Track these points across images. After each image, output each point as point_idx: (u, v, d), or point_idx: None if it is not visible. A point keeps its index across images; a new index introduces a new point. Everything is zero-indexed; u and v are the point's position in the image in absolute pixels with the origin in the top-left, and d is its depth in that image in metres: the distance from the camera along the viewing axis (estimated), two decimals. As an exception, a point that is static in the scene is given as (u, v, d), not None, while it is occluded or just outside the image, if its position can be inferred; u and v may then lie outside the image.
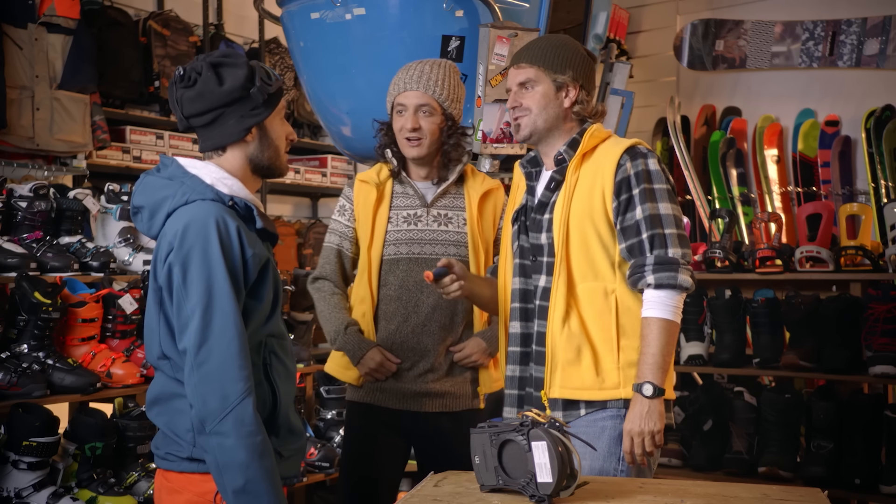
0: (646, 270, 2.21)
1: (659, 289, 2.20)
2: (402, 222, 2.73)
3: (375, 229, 2.72)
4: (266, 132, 2.04)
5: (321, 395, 4.37)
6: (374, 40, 3.43)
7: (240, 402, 1.85)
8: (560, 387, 2.27)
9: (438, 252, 2.70)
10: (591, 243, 2.28)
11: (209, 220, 1.90)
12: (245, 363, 1.88)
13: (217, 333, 1.86)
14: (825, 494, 1.92)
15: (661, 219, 2.24)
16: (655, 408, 2.19)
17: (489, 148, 3.42)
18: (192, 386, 1.86)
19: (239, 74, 1.97)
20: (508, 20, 3.39)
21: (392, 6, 3.41)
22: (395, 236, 2.72)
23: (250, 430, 1.85)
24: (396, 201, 2.75)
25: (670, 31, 5.54)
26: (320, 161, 5.43)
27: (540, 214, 2.36)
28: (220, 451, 1.84)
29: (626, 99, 4.03)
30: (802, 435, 4.04)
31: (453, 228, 2.73)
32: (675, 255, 2.22)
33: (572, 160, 2.32)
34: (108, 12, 4.32)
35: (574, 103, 2.35)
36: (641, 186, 2.25)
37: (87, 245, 3.48)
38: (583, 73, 2.37)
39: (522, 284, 2.39)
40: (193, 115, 1.99)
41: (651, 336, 2.20)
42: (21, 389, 3.05)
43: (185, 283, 1.88)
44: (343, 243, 2.80)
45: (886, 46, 4.88)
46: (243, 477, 1.84)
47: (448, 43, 3.38)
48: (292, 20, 3.69)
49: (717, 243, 4.20)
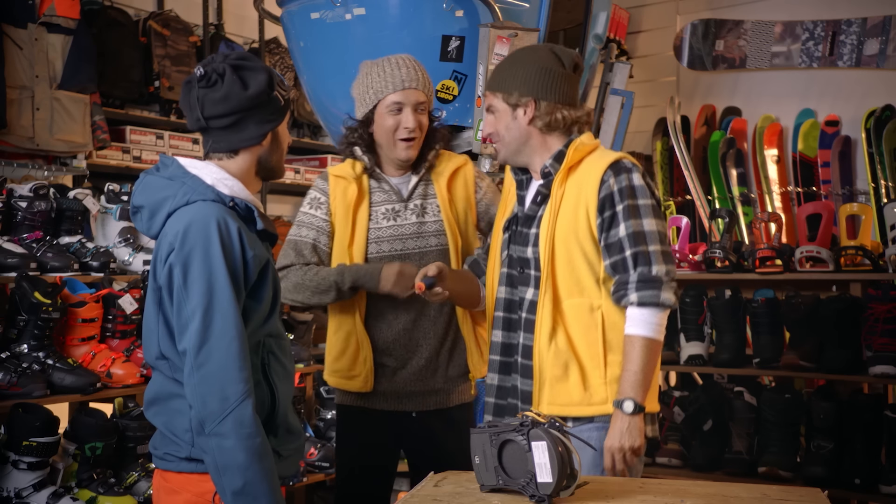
0: (629, 288, 2.22)
1: (642, 307, 2.21)
2: (382, 219, 2.68)
3: (357, 227, 2.66)
4: (277, 136, 2.07)
5: (321, 395, 4.37)
6: (374, 40, 3.43)
7: (239, 403, 1.85)
8: (549, 403, 2.28)
9: (421, 245, 2.68)
10: (577, 260, 2.28)
11: (210, 221, 1.90)
12: (245, 364, 1.88)
13: (217, 335, 1.87)
14: (825, 494, 1.92)
15: (644, 236, 2.23)
16: (636, 424, 2.21)
17: (489, 148, 3.42)
18: (192, 387, 1.86)
19: (261, 79, 1.99)
20: (508, 20, 3.39)
21: (392, 6, 3.41)
22: (377, 234, 2.67)
23: (250, 431, 1.85)
24: (374, 197, 2.70)
25: (670, 31, 5.55)
26: (320, 161, 5.43)
27: (527, 228, 2.36)
28: (219, 452, 1.85)
29: (626, 99, 4.03)
30: (802, 435, 4.04)
31: (430, 218, 2.71)
32: (659, 272, 2.22)
33: (558, 174, 2.31)
34: (108, 12, 4.31)
35: (533, 118, 2.33)
36: (625, 203, 2.24)
37: (87, 245, 3.48)
38: (538, 86, 2.32)
39: (507, 294, 2.39)
40: (215, 117, 1.99)
41: (633, 353, 2.21)
42: (21, 389, 3.05)
43: (186, 283, 1.88)
44: (320, 238, 2.67)
45: (886, 46, 4.88)
46: (242, 478, 1.85)
47: (448, 43, 3.38)
48: (292, 20, 3.69)
49: (717, 243, 4.20)
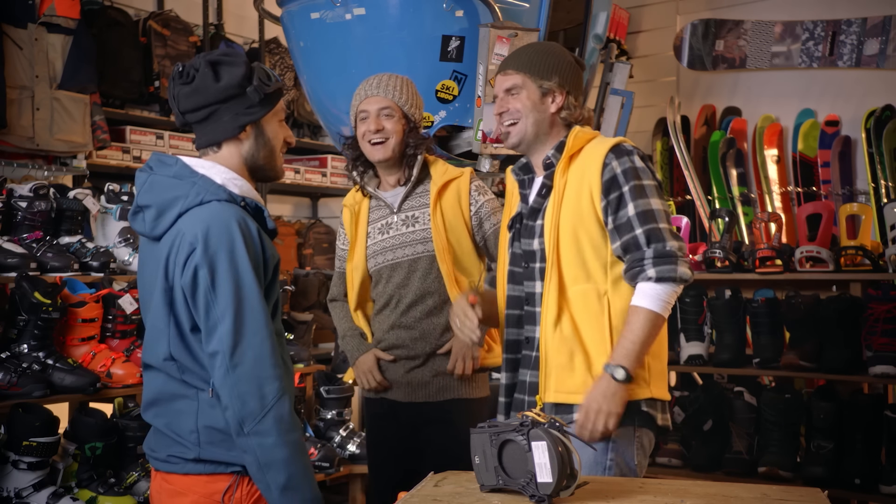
0: (645, 264, 2.20)
1: (660, 282, 2.19)
2: (378, 234, 2.84)
3: (356, 248, 2.86)
4: (262, 132, 2.03)
5: (321, 395, 4.37)
6: (374, 40, 3.43)
7: (277, 400, 1.87)
8: (554, 391, 2.27)
9: (410, 253, 2.80)
10: (583, 245, 2.27)
11: (231, 222, 1.90)
12: (278, 361, 1.90)
13: (250, 335, 1.87)
14: (825, 494, 1.92)
15: (654, 214, 2.23)
16: (620, 393, 2.18)
17: (489, 148, 3.42)
18: (229, 388, 1.86)
19: (236, 72, 1.97)
20: (508, 20, 3.39)
21: (392, 6, 3.41)
22: (373, 249, 2.84)
23: (289, 426, 1.88)
24: (372, 215, 2.87)
25: (670, 31, 5.55)
26: (320, 161, 5.43)
27: (532, 220, 2.36)
28: (261, 450, 1.86)
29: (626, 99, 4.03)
30: (802, 435, 4.04)
31: (419, 227, 2.80)
32: (673, 248, 2.21)
33: (559, 163, 2.32)
34: (108, 12, 4.32)
35: (561, 109, 2.36)
36: (631, 183, 2.24)
37: (87, 245, 3.48)
38: (569, 79, 2.36)
39: (512, 291, 2.40)
40: (189, 111, 1.99)
41: (636, 324, 2.19)
42: (21, 389, 3.05)
43: (214, 285, 1.87)
44: (342, 265, 2.96)
45: (886, 46, 4.88)
46: (286, 473, 1.87)
47: (448, 43, 3.38)
48: (292, 20, 3.69)
49: (717, 243, 4.20)
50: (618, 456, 2.26)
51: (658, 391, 2.28)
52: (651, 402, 2.27)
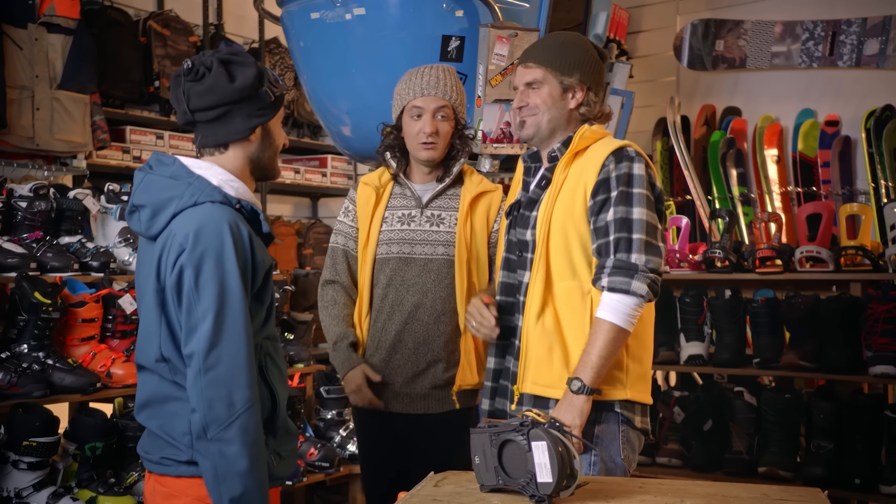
0: (604, 272, 2.21)
1: (612, 292, 2.19)
2: (397, 222, 2.77)
3: (371, 229, 2.77)
4: (269, 133, 2.04)
5: (321, 395, 4.37)
6: (374, 40, 3.43)
7: (246, 410, 1.83)
8: (532, 382, 2.28)
9: (428, 252, 2.74)
10: (571, 242, 2.28)
11: (223, 224, 1.88)
12: (252, 371, 1.87)
13: (227, 339, 1.85)
14: (825, 494, 1.92)
15: (631, 223, 2.22)
16: (578, 404, 2.17)
17: (489, 148, 3.42)
18: (199, 390, 1.83)
19: (249, 73, 1.97)
20: (508, 20, 3.39)
21: (392, 6, 3.41)
22: (388, 236, 2.76)
23: (254, 438, 1.84)
24: (393, 202, 2.80)
25: (670, 31, 5.54)
26: (320, 161, 5.44)
27: (528, 211, 2.38)
28: (220, 458, 1.82)
29: (626, 99, 4.03)
30: (802, 435, 4.04)
31: (444, 229, 2.76)
32: (637, 261, 2.19)
33: (562, 158, 2.33)
34: (108, 12, 4.32)
35: (580, 105, 2.36)
36: (619, 189, 2.24)
37: (87, 245, 3.48)
38: (591, 75, 2.36)
39: (505, 278, 2.41)
40: (200, 110, 1.97)
41: (596, 337, 2.18)
42: (21, 389, 3.05)
43: (198, 286, 1.85)
44: (348, 243, 2.84)
45: (886, 46, 4.88)
46: (242, 486, 1.82)
47: (448, 43, 3.38)
48: (292, 20, 3.69)
49: (717, 243, 4.20)
50: (602, 451, 2.27)
51: (636, 394, 2.28)
52: (627, 405, 2.27)
